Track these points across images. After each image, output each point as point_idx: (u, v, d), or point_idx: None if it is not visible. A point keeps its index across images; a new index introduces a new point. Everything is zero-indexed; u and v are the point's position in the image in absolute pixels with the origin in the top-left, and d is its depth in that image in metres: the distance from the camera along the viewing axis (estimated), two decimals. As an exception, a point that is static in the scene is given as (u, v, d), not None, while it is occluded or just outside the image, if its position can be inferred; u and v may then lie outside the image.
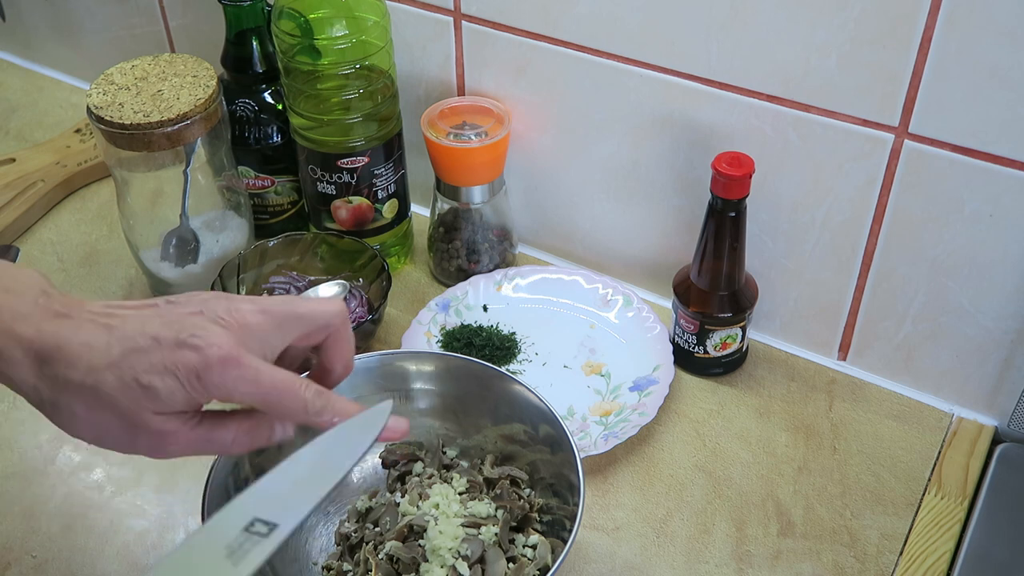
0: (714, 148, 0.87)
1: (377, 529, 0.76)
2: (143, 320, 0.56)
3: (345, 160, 0.96)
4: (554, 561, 0.71)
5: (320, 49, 0.92)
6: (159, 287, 1.03)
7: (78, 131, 1.25)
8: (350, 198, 0.99)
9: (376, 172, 0.98)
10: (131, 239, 1.01)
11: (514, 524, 0.75)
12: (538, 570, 0.72)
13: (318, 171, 0.98)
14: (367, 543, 0.75)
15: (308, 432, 0.80)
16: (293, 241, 1.00)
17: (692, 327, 0.91)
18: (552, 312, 1.00)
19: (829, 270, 0.90)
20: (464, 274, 1.02)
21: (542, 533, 0.76)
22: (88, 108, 0.92)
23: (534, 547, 0.74)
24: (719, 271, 0.88)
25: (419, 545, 0.72)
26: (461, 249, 1.02)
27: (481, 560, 0.71)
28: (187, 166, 0.94)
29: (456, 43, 0.98)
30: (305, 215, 1.06)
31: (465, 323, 0.98)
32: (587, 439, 0.88)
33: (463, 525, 0.73)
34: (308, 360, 0.65)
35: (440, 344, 0.96)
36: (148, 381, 0.54)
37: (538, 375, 0.94)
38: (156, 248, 1.00)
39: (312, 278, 1.00)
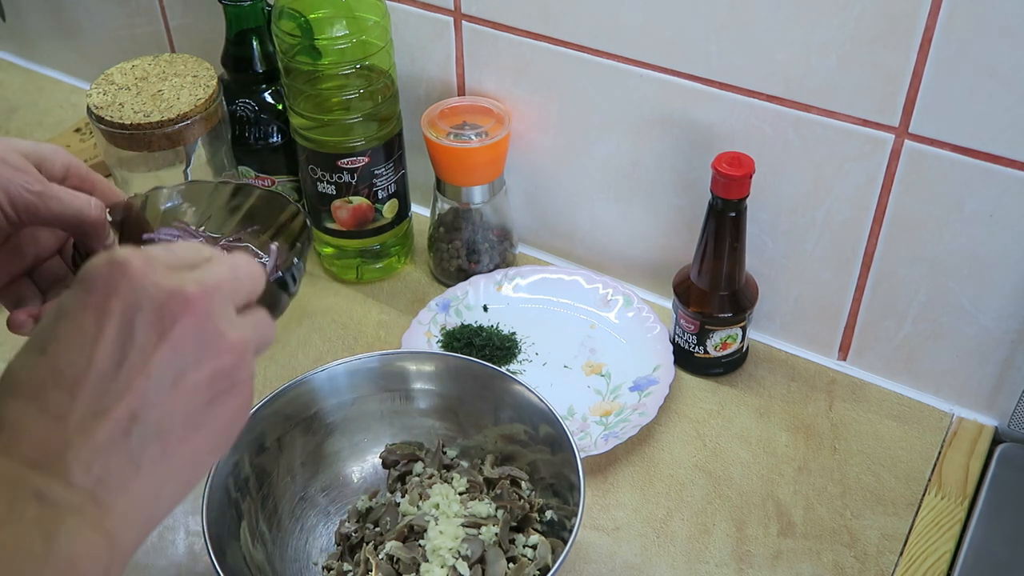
0: (714, 148, 0.87)
1: (377, 529, 0.76)
2: None
3: (345, 160, 0.96)
4: (554, 561, 0.71)
5: (320, 49, 0.92)
6: (159, 287, 1.02)
7: (78, 131, 1.25)
8: (350, 198, 0.99)
9: (376, 172, 0.98)
10: (131, 239, 1.01)
11: (514, 524, 0.75)
12: (538, 570, 0.72)
13: (318, 171, 0.98)
14: (367, 543, 0.75)
15: (310, 432, 0.81)
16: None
17: (692, 327, 0.91)
18: (552, 312, 1.00)
19: (829, 270, 0.90)
20: (464, 274, 1.02)
21: (542, 533, 0.76)
22: (88, 108, 0.92)
23: (534, 547, 0.74)
24: (719, 271, 0.88)
25: (419, 545, 0.72)
26: (461, 249, 1.01)
27: (481, 560, 0.71)
28: (187, 166, 0.94)
29: (456, 43, 0.98)
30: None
31: (465, 323, 0.98)
32: (587, 439, 0.88)
33: (463, 525, 0.73)
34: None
35: (440, 344, 0.96)
36: None
37: (538, 375, 0.94)
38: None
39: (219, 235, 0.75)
